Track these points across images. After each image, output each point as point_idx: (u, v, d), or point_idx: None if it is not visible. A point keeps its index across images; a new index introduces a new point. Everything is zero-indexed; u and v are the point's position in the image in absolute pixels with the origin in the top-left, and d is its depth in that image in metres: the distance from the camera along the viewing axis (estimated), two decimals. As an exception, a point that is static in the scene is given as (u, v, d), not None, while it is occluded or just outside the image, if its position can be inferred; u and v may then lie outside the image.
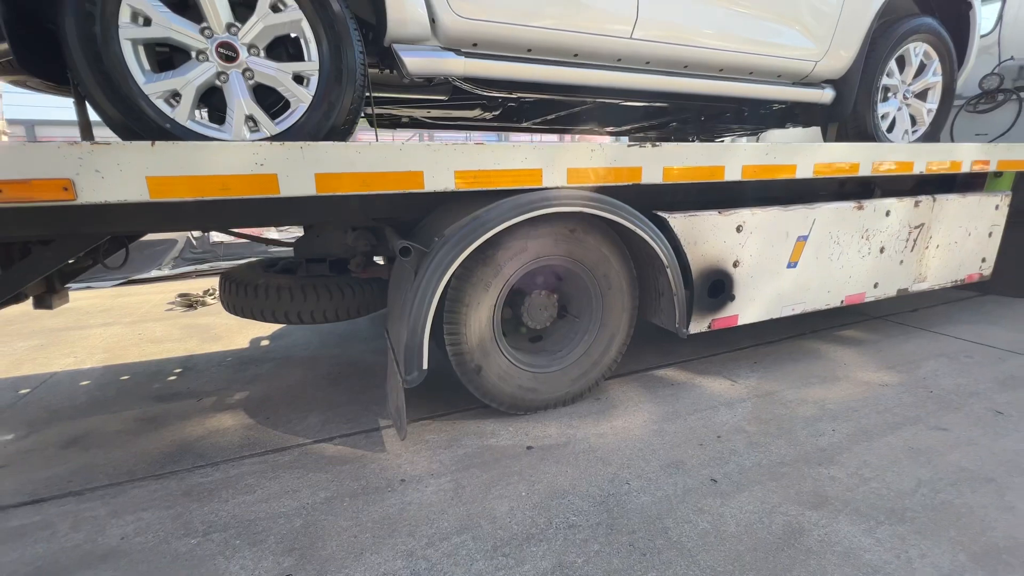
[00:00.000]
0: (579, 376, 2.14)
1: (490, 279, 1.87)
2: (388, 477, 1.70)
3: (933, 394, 2.22)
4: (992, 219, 3.05)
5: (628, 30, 2.06)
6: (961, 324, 3.15)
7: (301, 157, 1.48)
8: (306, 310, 2.24)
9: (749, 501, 1.54)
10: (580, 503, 1.55)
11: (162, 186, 1.36)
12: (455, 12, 1.79)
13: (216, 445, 1.93)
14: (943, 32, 2.71)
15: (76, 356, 2.99)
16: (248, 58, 1.56)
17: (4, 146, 1.25)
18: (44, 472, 1.78)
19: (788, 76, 2.52)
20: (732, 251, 2.24)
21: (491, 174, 1.71)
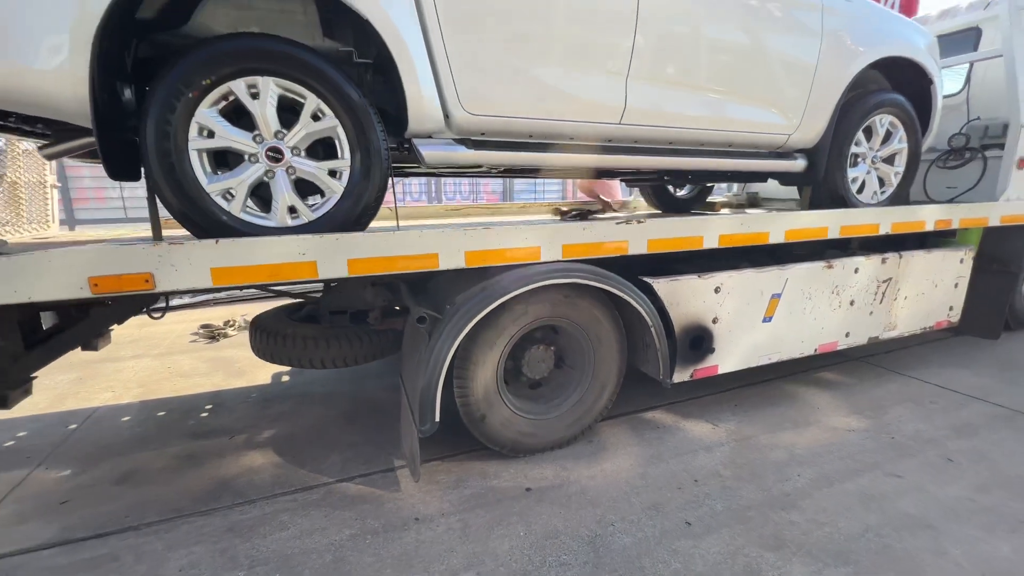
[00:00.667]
0: (573, 422, 2.39)
1: (494, 340, 2.13)
2: (404, 516, 1.94)
3: (894, 440, 2.46)
4: (957, 271, 3.30)
5: (618, 117, 2.34)
6: (932, 367, 3.38)
7: (336, 247, 1.76)
8: (329, 357, 2.50)
9: (717, 543, 1.78)
10: (571, 543, 1.79)
11: (223, 275, 1.64)
12: (466, 110, 2.08)
13: (251, 483, 2.18)
14: (906, 104, 2.98)
15: (114, 391, 3.26)
16: (291, 158, 1.84)
17: (100, 248, 1.54)
18: (103, 507, 2.04)
19: (764, 148, 2.80)
20: (711, 309, 2.50)
21: (497, 253, 1.99)
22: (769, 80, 2.60)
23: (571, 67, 2.17)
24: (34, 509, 2.03)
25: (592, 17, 2.14)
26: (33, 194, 3.07)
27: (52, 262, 1.48)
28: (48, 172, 3.19)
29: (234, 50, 1.68)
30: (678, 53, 2.35)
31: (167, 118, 1.64)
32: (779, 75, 2.61)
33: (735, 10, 2.43)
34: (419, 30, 1.91)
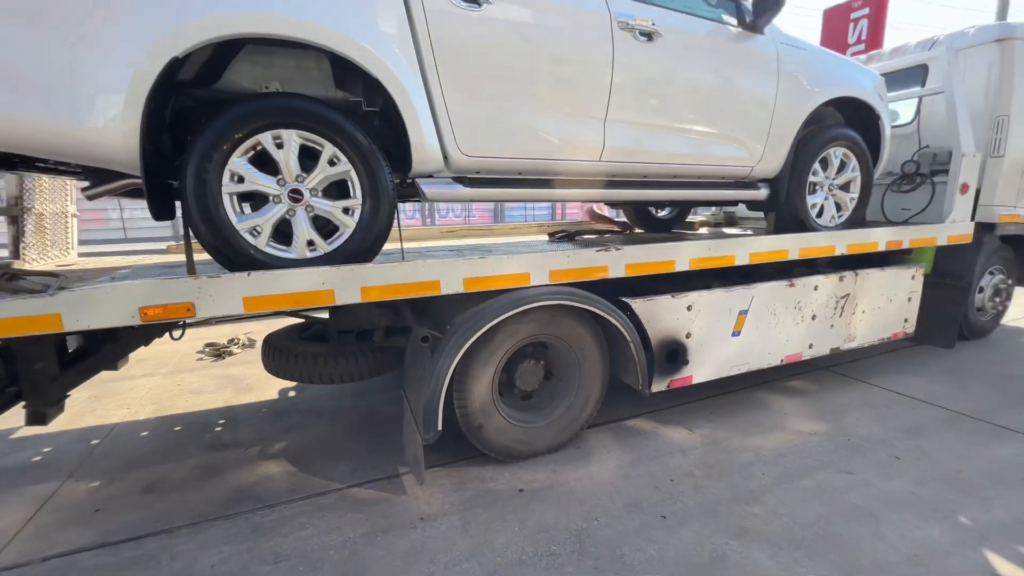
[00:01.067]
0: (562, 429, 2.64)
1: (489, 356, 2.38)
2: (411, 516, 2.17)
3: (850, 441, 2.73)
4: (910, 287, 3.62)
5: (597, 155, 2.63)
6: (891, 375, 3.68)
7: (351, 276, 2.01)
8: (338, 373, 2.72)
9: (688, 533, 2.02)
10: (560, 535, 2.02)
11: (254, 303, 1.88)
12: (463, 152, 2.35)
13: (269, 489, 2.39)
14: (857, 138, 3.32)
15: (129, 408, 3.44)
16: (310, 199, 2.09)
17: (151, 281, 1.77)
18: (134, 514, 2.24)
19: (731, 178, 3.11)
20: (685, 326, 2.78)
21: (492, 279, 2.25)
22: (732, 120, 2.91)
23: (555, 113, 2.46)
24: (71, 517, 2.22)
25: (572, 69, 2.44)
26: (56, 223, 3.28)
27: (109, 294, 1.71)
28: (70, 202, 3.41)
29: (263, 108, 1.94)
30: (649, 99, 2.65)
31: (205, 167, 1.89)
32: (741, 115, 2.92)
33: (700, 60, 2.75)
34: (421, 84, 2.19)
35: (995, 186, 3.95)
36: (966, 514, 2.10)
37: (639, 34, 2.54)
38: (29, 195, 3.02)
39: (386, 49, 2.07)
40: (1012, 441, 2.71)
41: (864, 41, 10.60)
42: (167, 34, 1.76)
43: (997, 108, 3.86)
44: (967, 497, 2.22)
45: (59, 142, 1.76)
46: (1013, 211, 4.07)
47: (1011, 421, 2.92)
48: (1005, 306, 4.56)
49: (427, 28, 2.13)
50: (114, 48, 1.71)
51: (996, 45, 3.84)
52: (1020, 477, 2.36)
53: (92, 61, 1.71)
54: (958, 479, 2.36)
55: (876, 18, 10.45)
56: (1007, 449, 2.62)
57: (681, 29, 2.68)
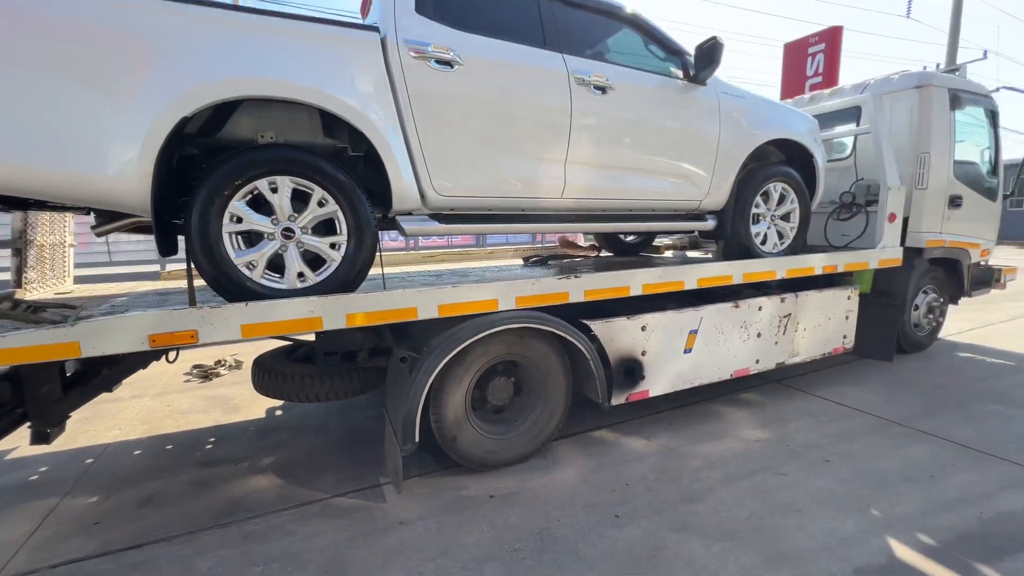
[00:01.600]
0: (529, 440, 2.90)
1: (462, 374, 2.65)
2: (390, 521, 2.39)
3: (788, 447, 3.04)
4: (847, 306, 4.01)
5: (559, 193, 2.95)
6: (834, 386, 4.04)
7: (337, 305, 2.27)
8: (324, 391, 2.95)
9: (636, 529, 2.29)
10: (523, 534, 2.27)
11: (250, 330, 2.13)
12: (437, 192, 2.64)
13: (259, 501, 2.59)
14: (793, 174, 3.71)
15: (120, 428, 3.60)
16: (301, 236, 2.36)
17: (159, 312, 2.01)
18: (132, 525, 2.42)
19: (681, 211, 3.46)
20: (640, 344, 3.08)
21: (464, 305, 2.53)
22: (681, 160, 3.27)
23: (520, 158, 2.78)
24: (72, 529, 2.39)
25: (535, 119, 2.77)
26: (55, 253, 3.48)
27: (122, 324, 1.95)
28: (68, 233, 3.61)
29: (260, 159, 2.21)
30: (604, 143, 3.00)
31: (208, 210, 2.14)
32: (689, 156, 3.29)
33: (649, 109, 3.11)
34: (400, 134, 2.49)
35: (921, 215, 4.40)
36: (878, 507, 2.41)
37: (594, 88, 2.90)
38: (32, 228, 3.22)
39: (368, 105, 2.38)
40: (927, 444, 3.05)
41: (821, 74, 11.35)
42: (178, 97, 2.03)
43: (919, 146, 4.33)
44: (881, 492, 2.54)
45: (81, 190, 2.00)
46: (939, 236, 4.52)
47: (929, 426, 3.27)
48: (939, 322, 4.99)
49: (406, 87, 2.45)
50: (132, 111, 1.98)
51: (916, 91, 4.33)
52: (928, 475, 2.69)
53: (113, 121, 1.97)
54: (876, 477, 2.68)
55: (831, 53, 11.22)
56: (922, 451, 2.96)
57: (631, 83, 3.05)
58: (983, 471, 2.73)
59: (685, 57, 3.26)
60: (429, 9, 2.57)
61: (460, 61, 2.54)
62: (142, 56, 1.99)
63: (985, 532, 2.21)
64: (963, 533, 2.21)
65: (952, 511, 2.37)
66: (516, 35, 2.76)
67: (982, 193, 4.79)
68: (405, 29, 2.47)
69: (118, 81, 1.96)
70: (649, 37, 3.24)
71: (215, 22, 2.12)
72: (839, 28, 11.31)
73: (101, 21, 1.94)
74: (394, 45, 2.42)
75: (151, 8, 2.01)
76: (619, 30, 3.22)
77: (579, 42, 2.98)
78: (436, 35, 2.52)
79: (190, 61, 2.05)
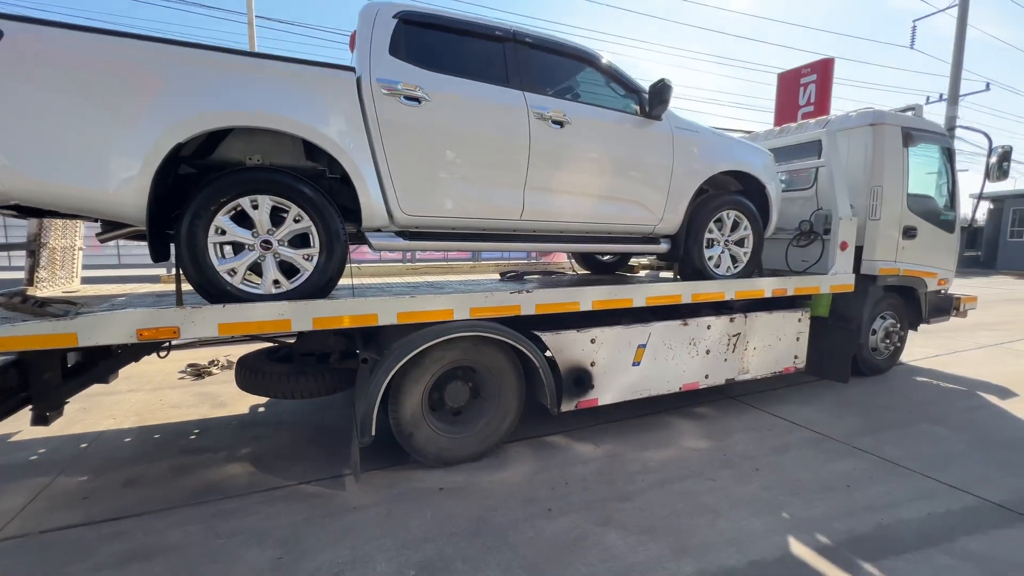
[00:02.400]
0: (482, 440, 3.15)
1: (419, 376, 2.93)
2: (346, 506, 2.65)
3: (725, 456, 3.27)
4: (797, 328, 4.25)
5: (518, 215, 3.25)
6: (785, 404, 4.25)
7: (305, 309, 2.57)
8: (298, 389, 3.23)
9: (564, 522, 2.53)
10: (462, 522, 2.52)
11: (226, 329, 2.43)
12: (404, 212, 2.95)
13: (232, 485, 2.86)
14: (745, 202, 3.99)
15: (115, 418, 3.90)
16: (278, 247, 2.67)
17: (147, 310, 2.32)
18: (115, 502, 2.69)
19: (636, 234, 3.75)
20: (589, 355, 3.35)
21: (420, 314, 2.82)
22: (635, 188, 3.57)
23: (480, 182, 3.09)
24: (62, 503, 2.68)
25: (495, 149, 3.09)
26: (65, 256, 3.83)
27: (115, 319, 2.26)
28: (78, 237, 3.97)
29: (244, 180, 2.53)
30: (561, 171, 3.30)
31: (196, 223, 2.46)
32: (642, 185, 3.59)
33: (604, 141, 3.42)
34: (371, 160, 2.81)
35: (875, 244, 4.65)
36: (788, 511, 2.63)
37: (552, 122, 3.21)
38: (46, 232, 3.57)
39: (343, 135, 2.71)
40: (857, 459, 3.26)
41: (813, 103, 11.69)
42: (174, 126, 2.37)
43: (872, 179, 4.60)
44: (796, 498, 2.76)
45: (89, 203, 2.33)
46: (893, 265, 4.76)
47: (865, 443, 3.48)
48: (898, 347, 5.20)
49: (377, 119, 2.78)
50: (134, 136, 2.32)
51: (870, 128, 4.61)
52: (846, 485, 2.91)
53: (118, 144, 2.30)
54: (797, 486, 2.90)
55: (823, 83, 11.57)
56: (850, 465, 3.17)
57: (588, 117, 3.36)
58: (899, 484, 2.93)
59: (642, 95, 3.58)
60: (402, 51, 2.91)
61: (427, 97, 2.87)
62: (145, 90, 2.33)
63: (879, 535, 2.43)
64: (858, 535, 2.42)
65: (855, 517, 2.58)
66: (481, 74, 3.09)
67: (938, 225, 5.03)
68: (378, 69, 2.81)
69: (124, 111, 2.31)
70: (609, 77, 3.57)
71: (211, 63, 2.47)
72: (831, 60, 11.66)
73: (115, 60, 2.29)
74: (367, 83, 2.76)
75: (155, 50, 2.36)
76: (581, 70, 3.56)
77: (541, 81, 3.32)
78: (406, 74, 2.86)
79: (185, 96, 2.39)
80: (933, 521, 2.55)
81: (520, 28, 3.31)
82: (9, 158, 2.17)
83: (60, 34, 2.24)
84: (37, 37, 2.21)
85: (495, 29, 3.22)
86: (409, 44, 2.94)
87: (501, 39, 3.21)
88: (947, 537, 2.41)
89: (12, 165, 2.18)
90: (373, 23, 2.88)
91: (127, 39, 2.35)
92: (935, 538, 2.40)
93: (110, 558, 2.22)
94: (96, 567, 2.16)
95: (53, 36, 2.23)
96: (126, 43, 2.34)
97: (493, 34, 3.20)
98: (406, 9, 2.98)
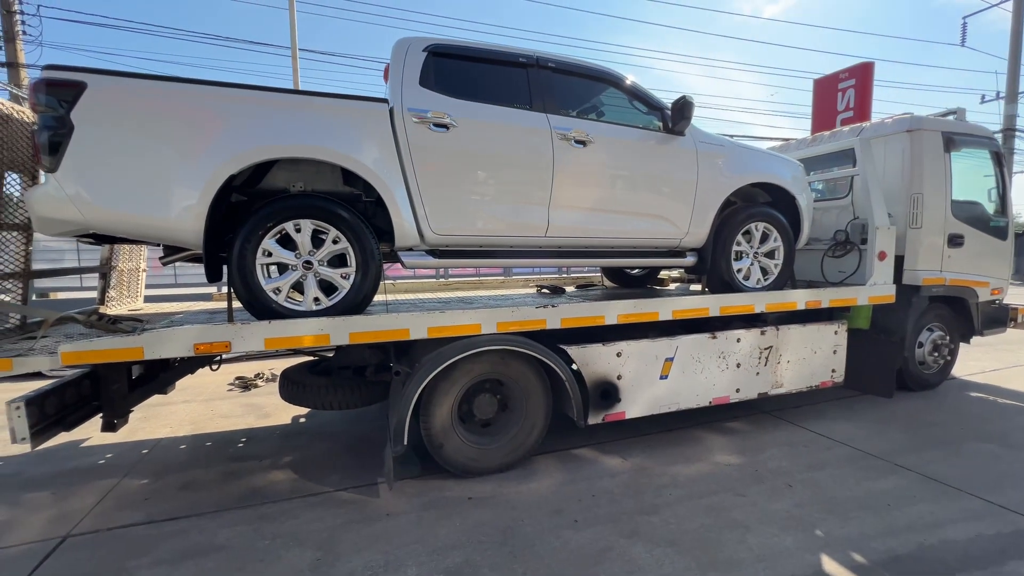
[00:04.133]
0: (509, 452, 3.23)
1: (449, 388, 3.05)
2: (379, 512, 2.78)
3: (757, 472, 3.21)
4: (834, 341, 4.13)
5: (543, 232, 3.36)
6: (824, 419, 4.12)
7: (343, 325, 2.75)
8: (336, 401, 3.42)
9: (591, 533, 2.56)
10: (489, 530, 2.59)
11: (271, 343, 2.64)
12: (434, 232, 3.11)
13: (275, 490, 3.05)
14: (775, 214, 3.95)
15: (171, 427, 4.21)
16: (318, 267, 2.87)
17: (202, 326, 2.55)
18: (172, 503, 2.92)
19: (662, 248, 3.78)
20: (615, 369, 3.38)
21: (449, 328, 2.95)
22: (659, 203, 3.62)
23: (506, 202, 3.22)
24: (127, 503, 2.93)
25: (521, 169, 3.22)
26: (131, 277, 4.20)
27: (175, 334, 2.50)
28: (143, 260, 4.35)
29: (289, 206, 2.75)
30: (584, 189, 3.40)
31: (246, 247, 2.69)
32: (667, 199, 3.63)
33: (626, 158, 3.50)
34: (403, 185, 2.99)
35: (917, 253, 4.48)
36: (822, 528, 2.57)
37: (575, 142, 3.32)
38: (115, 256, 3.95)
39: (377, 162, 2.90)
40: (899, 477, 3.13)
41: (852, 108, 11.33)
42: (229, 159, 2.62)
43: (912, 187, 4.45)
44: (831, 516, 2.68)
45: (154, 229, 2.61)
46: (938, 275, 4.56)
47: (908, 461, 3.34)
48: (949, 360, 4.93)
49: (408, 146, 2.96)
50: (193, 171, 2.58)
51: (907, 135, 4.48)
52: (885, 504, 2.80)
53: (179, 179, 2.57)
54: (833, 503, 2.82)
55: (862, 88, 11.22)
56: (891, 483, 3.05)
57: (610, 136, 3.45)
58: (944, 504, 2.81)
59: (664, 112, 3.64)
60: (431, 82, 3.10)
61: (455, 124, 3.04)
62: (203, 129, 2.60)
63: (920, 556, 2.34)
64: (898, 555, 2.34)
65: (895, 536, 2.49)
66: (506, 100, 3.25)
67: (988, 231, 4.79)
68: (409, 99, 3.00)
69: (185, 148, 2.58)
70: (630, 95, 3.66)
71: (259, 101, 2.72)
72: (870, 64, 11.32)
73: (177, 103, 2.57)
74: (399, 113, 2.95)
75: (211, 92, 2.63)
76: (604, 90, 3.66)
77: (563, 102, 3.44)
78: (435, 103, 3.04)
79: (238, 132, 2.64)
80: (981, 543, 2.43)
81: (542, 53, 3.45)
82: (89, 193, 2.46)
83: (132, 83, 2.55)
84: (114, 87, 2.51)
85: (518, 56, 3.37)
86: (438, 75, 3.13)
87: (524, 65, 3.36)
88: (996, 561, 2.29)
89: (92, 199, 2.47)
90: (405, 57, 3.09)
91: (184, 84, 2.64)
92: (982, 561, 2.29)
93: (169, 554, 2.42)
94: (157, 561, 2.36)
95: (126, 86, 2.53)
96: (184, 87, 2.63)
97: (516, 60, 3.36)
98: (435, 42, 3.18)
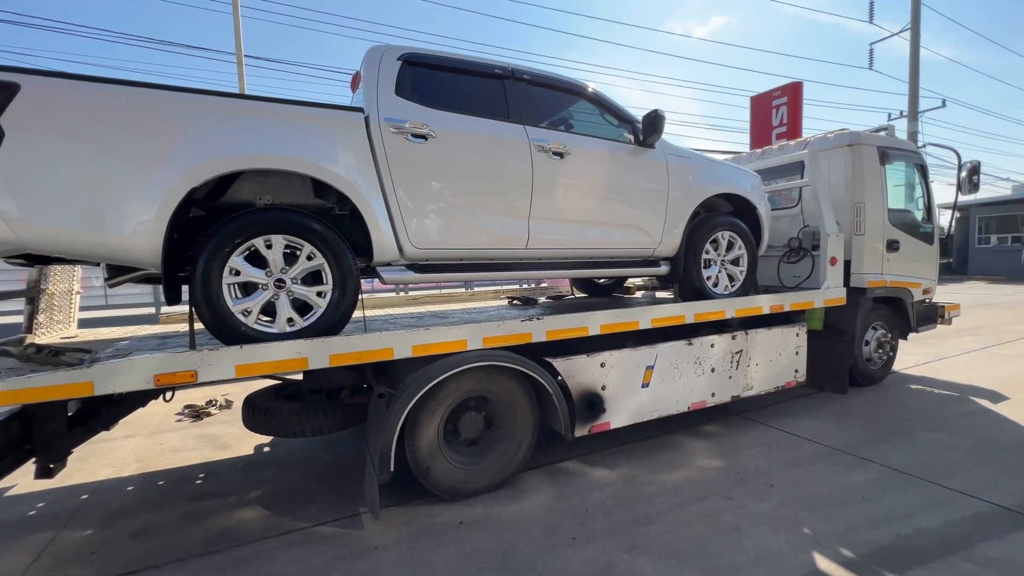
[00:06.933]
0: (498, 470, 3.14)
1: (435, 408, 2.92)
2: (367, 545, 2.60)
3: (739, 474, 3.29)
4: (796, 343, 4.35)
5: (524, 245, 3.32)
6: (790, 418, 4.32)
7: (322, 347, 2.57)
8: (310, 427, 3.19)
9: (590, 549, 2.51)
10: (487, 555, 2.49)
11: (243, 370, 2.42)
12: (413, 246, 3.00)
13: (245, 530, 2.79)
14: (738, 223, 4.13)
15: (114, 466, 3.78)
16: (291, 286, 2.68)
17: (163, 355, 2.30)
18: (126, 555, 2.60)
19: (637, 258, 3.84)
20: (600, 380, 3.38)
21: (435, 346, 2.84)
22: (633, 214, 3.68)
23: (487, 214, 3.16)
24: (70, 559, 2.57)
25: (500, 181, 3.17)
26: (63, 301, 3.76)
27: (132, 365, 2.23)
28: (76, 281, 3.91)
29: (258, 221, 2.56)
30: (563, 200, 3.40)
31: (210, 265, 2.47)
32: (640, 210, 3.70)
33: (602, 170, 3.54)
34: (380, 196, 2.86)
35: (862, 258, 4.83)
36: (809, 526, 2.66)
37: (552, 154, 3.32)
38: (45, 278, 3.52)
39: (352, 173, 2.76)
40: (867, 470, 3.31)
41: (785, 124, 12.20)
42: (189, 170, 2.40)
43: (855, 196, 4.81)
44: (815, 513, 2.79)
45: (104, 248, 2.33)
46: (880, 277, 4.94)
47: (871, 454, 3.55)
48: (891, 356, 5.34)
49: (386, 157, 2.84)
50: (149, 184, 2.34)
51: (848, 148, 4.85)
52: (860, 497, 2.95)
53: (133, 192, 2.32)
54: (814, 500, 2.93)
55: (793, 105, 12.11)
56: (860, 476, 3.23)
57: (586, 148, 3.48)
58: (911, 493, 2.99)
59: (635, 125, 3.72)
60: (407, 91, 3.01)
61: (433, 134, 2.95)
62: (158, 137, 2.37)
63: (900, 546, 2.46)
64: (881, 547, 2.46)
65: (875, 528, 2.62)
66: (484, 111, 3.20)
67: (918, 237, 5.26)
68: (386, 109, 2.89)
69: (138, 158, 2.33)
70: (603, 108, 3.72)
71: (223, 108, 2.52)
72: (799, 83, 12.24)
73: (128, 108, 2.33)
74: (376, 123, 2.83)
75: (166, 97, 2.41)
76: (576, 102, 3.70)
77: (540, 114, 3.44)
78: (413, 113, 2.95)
79: (199, 141, 2.43)
80: (950, 529, 2.60)
81: (518, 65, 3.45)
82: (23, 209, 2.17)
83: (74, 86, 2.28)
84: (53, 89, 2.24)
85: (494, 67, 3.35)
86: (414, 84, 3.04)
87: (500, 76, 3.34)
88: (966, 544, 2.46)
89: (26, 216, 2.18)
90: (379, 66, 2.98)
91: (138, 88, 2.40)
92: (955, 546, 2.45)
93: (127, 616, 2.14)
94: (114, 626, 2.08)
95: (68, 88, 2.27)
96: (137, 92, 2.39)
97: (492, 72, 3.33)
98: (409, 51, 3.10)
